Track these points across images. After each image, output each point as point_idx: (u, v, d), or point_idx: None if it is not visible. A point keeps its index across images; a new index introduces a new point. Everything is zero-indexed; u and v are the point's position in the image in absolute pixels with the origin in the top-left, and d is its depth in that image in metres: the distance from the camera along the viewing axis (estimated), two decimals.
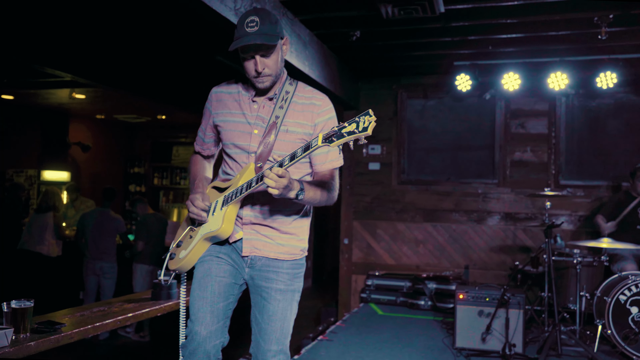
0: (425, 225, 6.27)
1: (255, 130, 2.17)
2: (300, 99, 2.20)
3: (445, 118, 6.26)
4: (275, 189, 1.90)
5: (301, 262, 2.28)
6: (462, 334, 4.32)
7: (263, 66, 2.08)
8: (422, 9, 3.96)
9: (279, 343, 2.17)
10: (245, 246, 2.19)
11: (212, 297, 2.15)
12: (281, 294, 2.18)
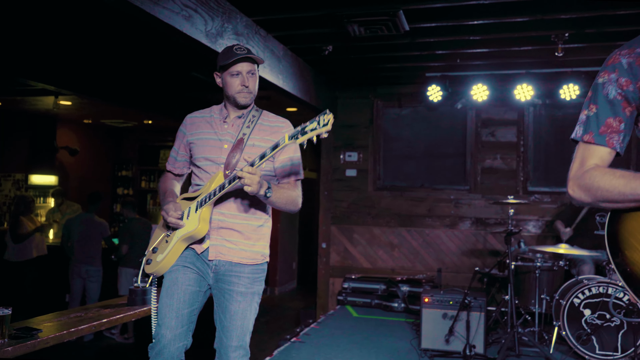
0: (400, 230, 6.49)
1: (225, 145, 2.46)
2: (265, 122, 2.51)
3: (419, 126, 6.49)
4: (249, 185, 2.16)
5: (262, 267, 2.53)
6: (427, 336, 4.54)
7: (248, 82, 2.41)
8: (386, 28, 4.18)
9: (239, 339, 2.41)
10: (211, 251, 2.43)
11: (177, 304, 2.39)
12: (242, 296, 2.42)
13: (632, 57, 1.50)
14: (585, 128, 1.55)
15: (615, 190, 1.43)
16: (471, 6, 4.00)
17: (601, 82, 1.55)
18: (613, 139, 1.51)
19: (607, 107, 1.52)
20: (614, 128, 1.51)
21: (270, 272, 10.04)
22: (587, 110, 1.56)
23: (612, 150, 1.52)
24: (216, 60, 2.55)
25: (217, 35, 3.70)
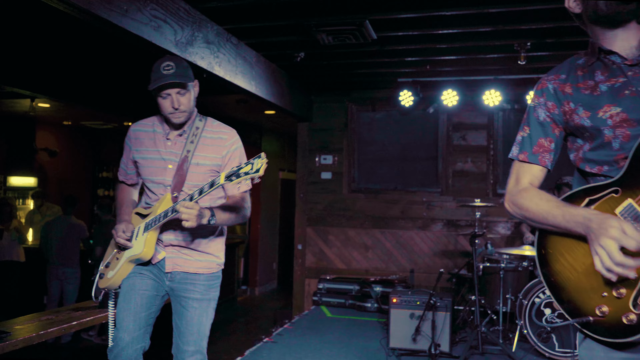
0: (374, 232, 6.63)
1: (169, 165, 2.50)
2: (209, 133, 2.54)
3: (393, 130, 6.63)
4: (188, 221, 2.23)
5: (217, 274, 2.63)
6: (395, 335, 4.67)
7: (179, 104, 2.42)
8: (354, 37, 4.32)
9: (196, 344, 2.52)
10: (167, 263, 2.52)
11: (135, 308, 2.48)
12: (198, 303, 2.53)
13: (556, 82, 1.65)
14: (520, 148, 1.70)
15: (540, 215, 1.57)
16: (437, 17, 4.15)
17: (532, 106, 1.70)
18: (545, 158, 1.66)
19: (539, 129, 1.67)
20: (545, 147, 1.66)
21: (251, 272, 10.20)
22: (522, 131, 1.71)
23: (543, 168, 1.67)
24: (191, 67, 2.63)
25: (187, 44, 3.80)
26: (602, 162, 1.54)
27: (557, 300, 1.54)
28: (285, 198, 10.86)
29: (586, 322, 1.45)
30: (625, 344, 1.41)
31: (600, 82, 1.55)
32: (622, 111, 1.48)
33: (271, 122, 9.42)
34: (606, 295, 1.43)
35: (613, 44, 1.56)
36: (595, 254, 1.38)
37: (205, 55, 4.07)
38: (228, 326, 7.52)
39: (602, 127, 1.51)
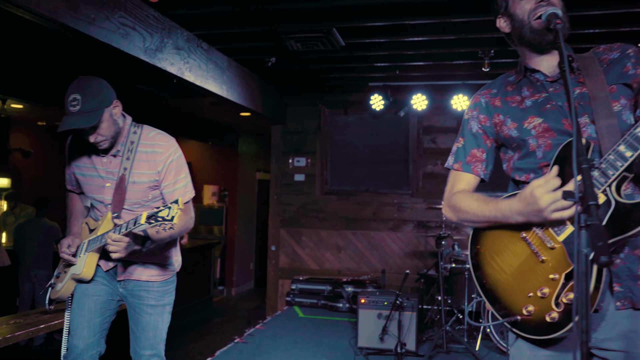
0: (346, 233, 6.74)
1: (107, 183, 2.49)
2: (144, 147, 2.49)
3: (365, 133, 6.75)
4: (116, 253, 2.29)
5: (171, 280, 2.67)
6: (363, 335, 4.78)
7: (95, 136, 2.37)
8: (322, 44, 4.41)
9: (153, 348, 2.58)
10: (119, 271, 2.57)
11: (88, 314, 2.52)
12: (152, 309, 2.58)
13: (488, 97, 1.79)
14: (455, 158, 1.84)
15: (472, 211, 1.70)
16: (403, 25, 4.25)
17: (466, 119, 1.84)
18: (477, 167, 1.79)
19: (472, 140, 1.80)
20: (477, 158, 1.79)
21: (227, 273, 10.25)
22: (457, 142, 1.85)
23: (476, 177, 1.80)
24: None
25: (156, 51, 3.85)
26: (528, 170, 1.68)
27: (490, 302, 1.66)
28: (262, 198, 10.92)
29: (515, 322, 1.57)
30: (548, 340, 1.52)
31: (526, 97, 1.70)
32: (544, 122, 1.63)
33: (248, 124, 9.48)
34: (532, 296, 1.55)
35: (538, 63, 1.70)
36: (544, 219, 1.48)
37: (175, 61, 4.13)
38: (203, 327, 7.58)
39: (527, 137, 1.66)
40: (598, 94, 1.57)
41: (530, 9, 1.63)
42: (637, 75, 1.61)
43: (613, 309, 1.53)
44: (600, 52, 1.69)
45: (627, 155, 1.42)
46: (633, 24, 4.08)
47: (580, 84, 1.62)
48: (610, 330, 1.54)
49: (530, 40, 1.65)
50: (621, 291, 1.53)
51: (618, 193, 1.46)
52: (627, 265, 1.54)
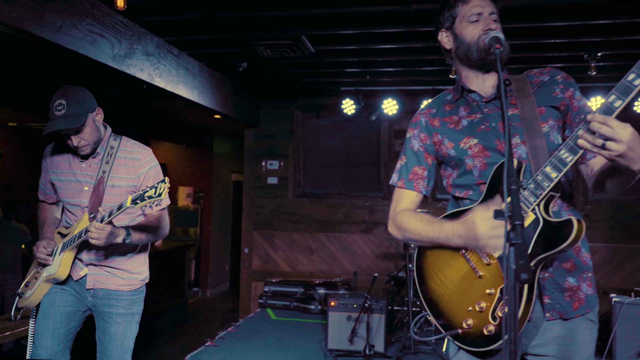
0: (319, 235, 6.81)
1: (85, 187, 2.56)
2: (123, 153, 2.60)
3: (337, 137, 6.82)
4: (97, 240, 2.32)
5: (140, 289, 2.71)
6: (333, 337, 4.85)
7: (78, 140, 2.46)
8: (292, 51, 4.47)
9: (120, 358, 2.60)
10: (89, 280, 2.60)
11: (54, 324, 2.54)
12: (121, 317, 2.61)
13: (427, 117, 1.87)
14: (399, 175, 1.91)
15: (416, 232, 1.78)
16: (373, 34, 4.33)
17: (408, 137, 1.91)
18: (419, 184, 1.87)
19: (414, 158, 1.88)
20: (419, 175, 1.87)
21: (202, 274, 10.24)
22: (400, 160, 1.92)
23: (419, 194, 1.88)
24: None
25: (125, 57, 3.87)
26: (467, 186, 1.77)
27: (434, 316, 1.74)
28: (238, 200, 10.90)
29: (456, 334, 1.65)
30: (486, 352, 1.61)
31: (463, 117, 1.79)
32: (479, 142, 1.72)
33: (223, 126, 9.48)
34: (471, 310, 1.63)
35: (475, 84, 1.79)
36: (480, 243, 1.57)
37: (145, 67, 4.15)
38: (177, 329, 7.58)
39: (463, 157, 1.75)
40: (528, 116, 1.67)
41: (480, 34, 1.72)
42: (564, 99, 1.72)
43: (544, 319, 1.64)
44: (532, 75, 1.80)
45: (552, 176, 1.51)
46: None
47: (512, 105, 1.72)
48: (542, 337, 1.65)
49: (475, 58, 1.73)
50: (550, 303, 1.64)
51: (546, 211, 1.56)
52: (555, 279, 1.65)
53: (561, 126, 1.73)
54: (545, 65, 5.02)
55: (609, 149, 1.36)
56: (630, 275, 6.13)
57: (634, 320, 4.36)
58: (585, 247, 1.73)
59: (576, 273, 1.68)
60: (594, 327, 1.68)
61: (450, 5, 1.82)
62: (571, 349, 1.65)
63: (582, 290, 1.67)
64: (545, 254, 1.53)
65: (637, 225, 6.14)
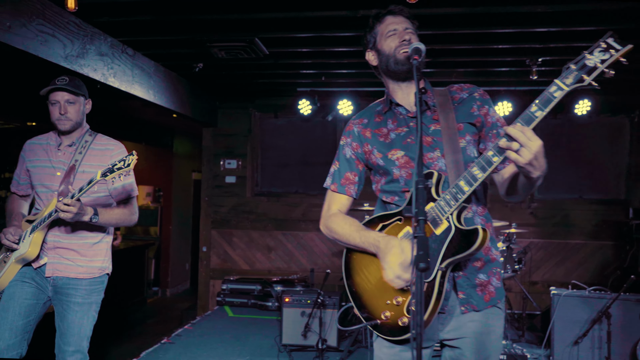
0: (276, 234, 6.92)
1: (58, 172, 2.74)
2: (97, 146, 2.81)
3: (294, 136, 6.94)
4: (66, 214, 2.46)
5: (100, 279, 2.82)
6: (287, 332, 4.98)
7: (65, 110, 2.70)
8: (246, 52, 4.56)
9: (76, 344, 2.70)
10: (48, 269, 2.71)
11: (12, 317, 2.63)
12: (79, 306, 2.72)
13: (359, 127, 2.02)
14: (332, 180, 2.06)
15: (344, 237, 1.95)
16: (327, 37, 4.47)
17: (342, 144, 2.07)
18: (350, 189, 2.03)
19: (346, 164, 2.03)
20: (351, 180, 2.02)
21: (162, 273, 10.20)
22: (334, 165, 2.08)
23: (350, 197, 2.04)
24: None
25: (77, 57, 3.89)
26: (393, 193, 1.93)
27: (357, 307, 1.89)
28: (198, 199, 10.86)
29: (375, 324, 1.82)
30: (400, 341, 1.78)
31: (391, 130, 1.95)
32: (405, 154, 1.89)
33: (183, 125, 9.47)
34: (389, 303, 1.79)
35: (401, 98, 1.95)
36: (383, 268, 1.73)
37: (99, 67, 4.18)
38: (136, 328, 7.55)
39: (391, 167, 1.91)
40: (448, 132, 1.85)
41: (396, 46, 1.89)
42: (480, 116, 1.91)
43: (459, 311, 1.83)
44: (453, 90, 1.98)
45: (465, 190, 1.69)
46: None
47: (435, 121, 1.90)
48: (458, 324, 1.84)
49: (394, 70, 1.90)
50: (464, 298, 1.84)
51: (458, 220, 1.74)
52: (468, 277, 1.85)
53: (477, 140, 1.92)
54: (493, 68, 5.30)
55: (521, 154, 1.55)
56: (573, 269, 6.45)
57: (570, 311, 4.62)
58: (494, 246, 1.93)
59: (486, 269, 1.88)
60: (501, 314, 1.90)
61: (370, 27, 2.02)
62: (484, 333, 1.84)
63: (492, 284, 1.88)
64: (454, 257, 1.72)
65: (579, 223, 6.47)
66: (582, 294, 4.64)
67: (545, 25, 4.07)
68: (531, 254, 6.42)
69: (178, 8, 3.88)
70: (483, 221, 1.90)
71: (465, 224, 1.76)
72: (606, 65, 1.55)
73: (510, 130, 1.55)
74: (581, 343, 4.51)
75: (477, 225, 1.76)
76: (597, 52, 1.56)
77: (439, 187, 1.78)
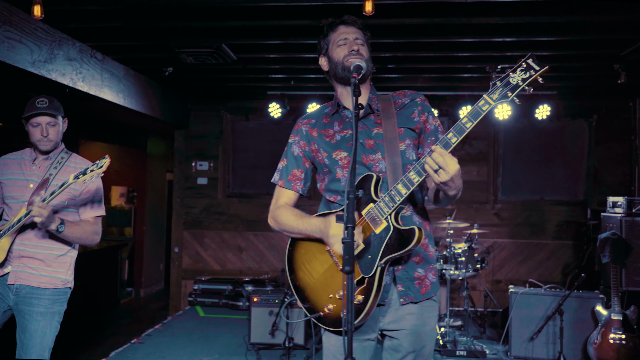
0: (248, 234, 7.03)
1: (30, 184, 2.79)
2: (72, 163, 2.87)
3: (265, 139, 7.05)
4: (38, 217, 2.53)
5: (63, 290, 2.85)
6: (256, 331, 5.09)
7: (47, 132, 2.77)
8: (213, 58, 4.66)
9: (38, 355, 2.73)
10: (10, 276, 2.74)
11: None
12: (41, 316, 2.74)
13: (307, 126, 2.14)
14: (280, 175, 2.18)
15: (288, 225, 2.07)
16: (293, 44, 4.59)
17: (290, 142, 2.19)
18: (297, 185, 2.15)
19: (293, 162, 2.15)
20: (297, 177, 2.14)
21: (136, 274, 10.21)
22: (282, 161, 2.20)
23: (296, 193, 2.17)
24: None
25: (45, 62, 3.95)
26: (336, 192, 2.06)
27: (300, 300, 2.02)
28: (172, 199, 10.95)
29: (318, 317, 1.96)
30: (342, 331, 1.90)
31: (337, 132, 2.08)
32: (348, 156, 2.02)
33: (156, 125, 9.50)
34: (332, 297, 1.92)
35: (347, 100, 2.08)
36: (330, 244, 1.88)
37: (67, 71, 4.24)
38: (108, 329, 7.58)
39: (334, 167, 2.04)
40: (389, 136, 1.97)
41: (345, 55, 2.03)
42: (420, 122, 2.05)
43: (398, 303, 1.98)
44: (396, 96, 2.12)
45: (402, 192, 1.83)
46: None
47: (377, 124, 2.03)
48: (398, 315, 1.99)
49: (341, 76, 2.04)
50: (403, 290, 1.98)
51: (396, 220, 1.88)
52: (407, 270, 1.99)
53: (416, 144, 2.05)
54: (456, 74, 5.48)
55: (439, 175, 1.72)
56: (535, 268, 6.68)
57: (527, 308, 4.82)
58: (431, 244, 2.08)
59: (424, 265, 2.02)
60: (436, 305, 2.06)
61: (324, 34, 2.14)
62: (420, 325, 2.00)
63: (429, 279, 2.03)
64: (392, 255, 1.86)
65: (541, 223, 6.71)
66: (538, 292, 4.85)
67: (501, 35, 4.25)
68: (495, 253, 6.64)
69: (146, 15, 3.96)
70: (420, 220, 2.04)
71: (403, 223, 1.91)
72: (526, 83, 1.73)
73: (433, 155, 1.72)
74: (537, 339, 4.72)
75: (414, 224, 1.92)
76: (519, 71, 1.74)
77: (377, 188, 1.91)
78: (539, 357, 4.75)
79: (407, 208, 1.98)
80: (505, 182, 6.82)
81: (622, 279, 4.74)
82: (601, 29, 4.16)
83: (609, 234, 4.65)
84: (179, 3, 3.74)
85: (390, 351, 2.04)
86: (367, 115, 2.05)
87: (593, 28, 4.15)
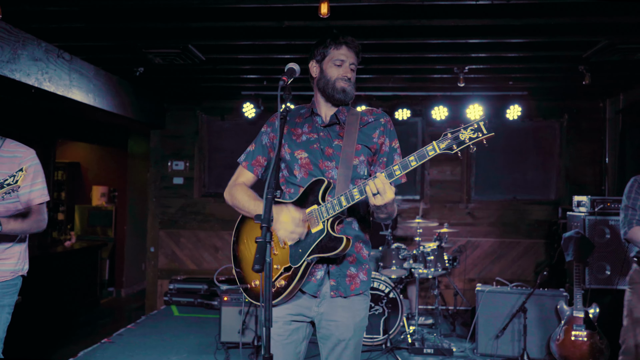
0: (223, 234, 7.05)
1: None
2: (5, 152, 2.82)
3: (241, 138, 7.05)
4: None
5: (13, 282, 2.87)
6: (226, 330, 5.12)
7: None
8: (181, 59, 4.69)
9: None
10: None
11: None
12: None
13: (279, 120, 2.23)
14: (245, 157, 2.38)
15: (242, 203, 2.25)
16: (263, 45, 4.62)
17: (262, 132, 2.39)
18: (257, 170, 2.35)
19: (260, 149, 2.35)
20: (260, 163, 2.35)
21: (117, 274, 10.20)
22: (251, 146, 2.37)
23: (255, 177, 2.36)
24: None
25: (8, 63, 3.96)
26: (292, 185, 2.23)
27: (235, 268, 2.25)
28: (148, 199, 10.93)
29: (245, 288, 2.19)
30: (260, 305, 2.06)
31: (304, 133, 2.25)
32: (308, 157, 2.19)
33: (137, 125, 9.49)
34: None
35: (321, 109, 2.27)
36: (277, 229, 2.06)
37: (32, 72, 4.24)
38: (86, 329, 7.57)
39: (294, 164, 2.22)
40: (347, 149, 2.16)
41: (338, 76, 2.21)
42: (377, 143, 2.22)
43: (329, 296, 2.16)
44: (364, 112, 2.30)
45: (342, 204, 2.03)
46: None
47: (340, 137, 2.21)
48: (330, 307, 2.16)
49: (328, 94, 2.22)
50: (334, 285, 2.16)
51: (332, 226, 2.07)
52: (340, 268, 2.16)
53: (370, 162, 2.24)
54: (427, 75, 5.53)
55: (375, 199, 1.94)
56: (507, 266, 6.76)
57: (494, 306, 4.89)
58: (366, 248, 2.26)
59: (357, 265, 2.20)
60: (366, 299, 2.26)
61: (325, 44, 2.27)
62: (349, 317, 2.17)
63: (359, 278, 2.20)
64: (320, 254, 2.06)
65: (514, 222, 6.78)
66: (503, 290, 4.92)
67: (464, 37, 4.30)
68: (468, 252, 6.71)
69: (110, 16, 3.97)
70: (359, 227, 2.22)
71: (341, 229, 2.12)
72: (472, 143, 1.90)
73: (375, 181, 1.91)
74: (502, 336, 4.78)
75: (350, 233, 2.14)
76: (470, 129, 1.91)
77: (326, 193, 2.09)
78: (505, 355, 4.82)
79: (344, 219, 2.17)
80: (479, 182, 6.88)
81: (586, 277, 4.82)
82: (565, 30, 4.21)
83: (572, 232, 4.72)
84: (142, 4, 3.75)
85: (323, 340, 2.22)
86: (333, 124, 2.23)
87: (557, 30, 4.20)
